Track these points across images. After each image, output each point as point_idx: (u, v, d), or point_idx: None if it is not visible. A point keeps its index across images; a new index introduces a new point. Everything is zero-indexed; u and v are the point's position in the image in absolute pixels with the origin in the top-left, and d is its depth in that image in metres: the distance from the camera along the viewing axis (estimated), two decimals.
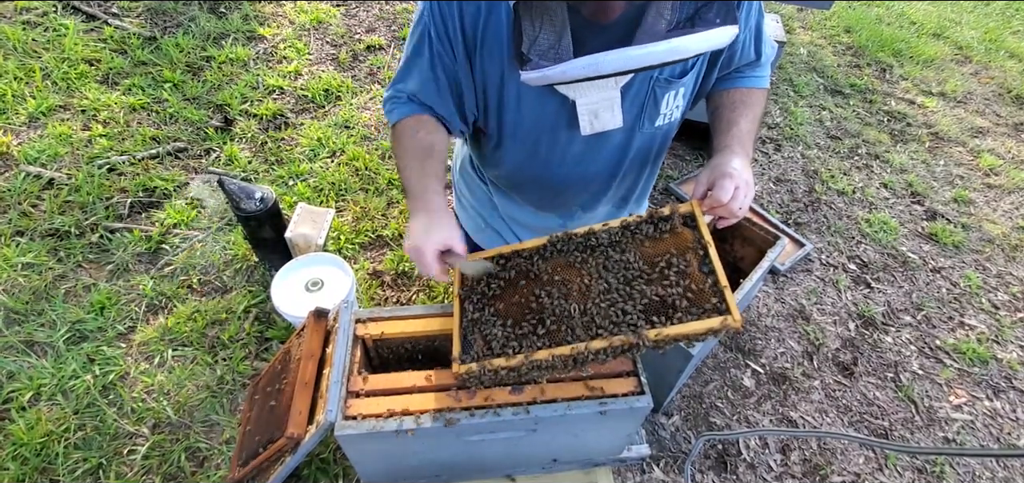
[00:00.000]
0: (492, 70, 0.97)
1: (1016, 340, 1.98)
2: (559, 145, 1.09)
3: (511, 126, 1.06)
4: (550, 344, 0.91)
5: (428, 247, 0.90)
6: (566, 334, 0.91)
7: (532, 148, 1.11)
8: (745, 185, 0.90)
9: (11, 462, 1.35)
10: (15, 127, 2.16)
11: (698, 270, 0.92)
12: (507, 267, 1.00)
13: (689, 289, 0.90)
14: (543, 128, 1.05)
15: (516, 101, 1.01)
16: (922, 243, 2.32)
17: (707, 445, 1.56)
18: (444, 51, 0.95)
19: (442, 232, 0.91)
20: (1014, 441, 1.69)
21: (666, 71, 0.97)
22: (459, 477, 1.24)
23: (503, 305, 0.98)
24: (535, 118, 1.04)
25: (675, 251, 0.94)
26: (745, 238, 1.76)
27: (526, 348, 0.92)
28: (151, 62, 2.51)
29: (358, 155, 2.28)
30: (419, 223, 0.92)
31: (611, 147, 1.11)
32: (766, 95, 1.11)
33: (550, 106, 1.01)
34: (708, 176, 0.93)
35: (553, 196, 1.25)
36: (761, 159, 2.62)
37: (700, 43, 0.79)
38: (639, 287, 0.92)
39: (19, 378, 1.51)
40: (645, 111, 1.03)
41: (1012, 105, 3.28)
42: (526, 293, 0.97)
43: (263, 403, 1.27)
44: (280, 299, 1.53)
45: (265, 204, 1.66)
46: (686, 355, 1.29)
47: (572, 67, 0.79)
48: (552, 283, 0.97)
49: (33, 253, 1.77)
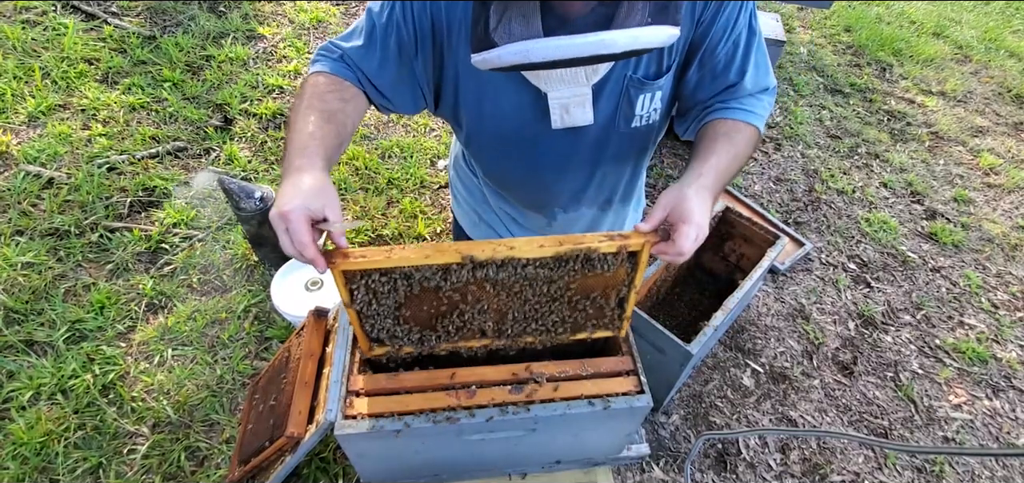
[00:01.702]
0: (464, 58, 0.93)
1: (1015, 339, 1.98)
2: (533, 141, 1.08)
3: (486, 118, 1.04)
4: (459, 340, 0.96)
5: (298, 212, 0.75)
6: (476, 334, 0.97)
7: (506, 143, 1.10)
8: (700, 231, 0.85)
9: (11, 461, 1.35)
10: (15, 126, 2.16)
11: (612, 303, 1.00)
12: (413, 280, 0.92)
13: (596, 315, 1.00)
14: (517, 121, 1.04)
15: (493, 92, 1.00)
16: (922, 242, 2.32)
17: (707, 444, 1.57)
18: (404, 27, 0.91)
19: (317, 199, 0.77)
20: (1013, 440, 1.69)
21: (639, 72, 0.96)
22: (459, 477, 1.24)
23: (409, 312, 0.96)
24: (510, 110, 1.02)
25: (598, 290, 0.97)
26: (745, 238, 1.76)
27: (434, 342, 0.98)
28: (151, 61, 2.51)
29: (358, 155, 2.28)
30: (290, 185, 0.78)
31: (586, 145, 1.10)
32: (754, 136, 0.99)
33: (525, 98, 1.00)
34: (671, 211, 0.86)
35: (534, 194, 1.25)
36: (761, 158, 2.62)
37: (626, 39, 0.75)
38: (553, 308, 0.98)
39: (19, 377, 1.51)
40: (619, 111, 1.03)
41: (1012, 104, 3.28)
42: (434, 302, 0.96)
43: (263, 402, 1.28)
44: (280, 299, 1.53)
45: (265, 204, 1.66)
46: (686, 354, 1.29)
47: (505, 52, 0.77)
48: (465, 295, 0.95)
49: (33, 252, 1.77)
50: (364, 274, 0.89)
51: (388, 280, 0.90)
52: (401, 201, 2.13)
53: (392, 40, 0.93)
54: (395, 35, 0.92)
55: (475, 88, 1.00)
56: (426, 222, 2.06)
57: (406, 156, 2.33)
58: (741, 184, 2.45)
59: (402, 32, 0.92)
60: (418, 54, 0.95)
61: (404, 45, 0.93)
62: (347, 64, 0.95)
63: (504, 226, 1.38)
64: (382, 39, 0.93)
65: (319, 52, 0.97)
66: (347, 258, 0.84)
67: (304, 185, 0.78)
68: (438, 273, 0.90)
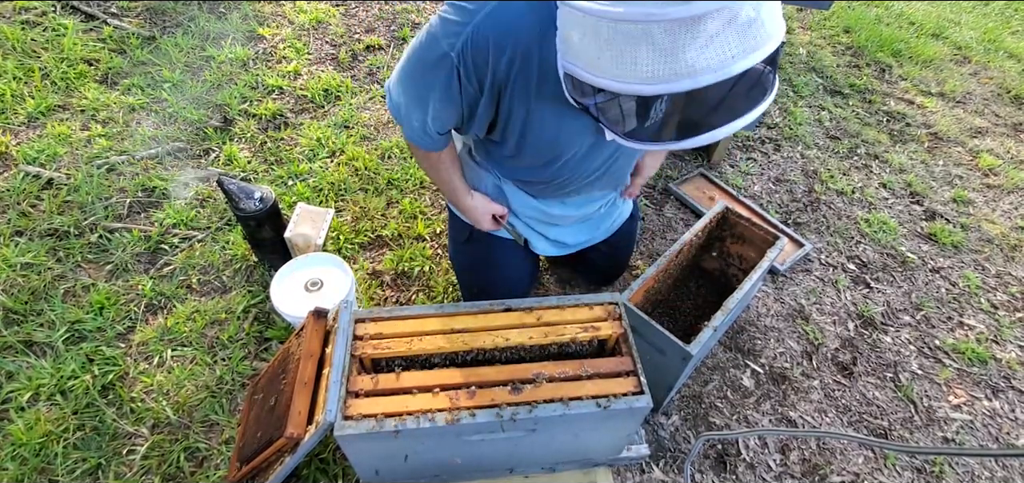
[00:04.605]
0: (518, 105, 1.07)
1: (1015, 340, 1.98)
2: (576, 149, 1.22)
3: (536, 142, 1.18)
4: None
5: (486, 213, 1.40)
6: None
7: (551, 156, 1.23)
8: None
9: (10, 462, 1.35)
10: (14, 127, 2.16)
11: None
12: None
13: None
14: (568, 138, 1.18)
15: (540, 124, 1.12)
16: (921, 243, 2.33)
17: (706, 445, 1.57)
18: (470, 86, 1.04)
19: (492, 205, 1.41)
20: (1013, 441, 1.69)
21: None
22: (459, 477, 1.24)
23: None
24: (565, 134, 1.16)
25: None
26: (745, 238, 1.76)
27: None
28: (150, 62, 2.51)
29: (357, 155, 2.28)
30: (475, 201, 1.39)
31: (612, 150, 1.27)
32: None
33: (579, 123, 1.13)
34: None
35: (557, 188, 1.38)
36: (760, 159, 2.62)
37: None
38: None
39: (18, 378, 1.50)
40: None
41: (1011, 105, 3.29)
42: None
43: (263, 403, 1.27)
44: (279, 299, 1.53)
45: (264, 204, 1.66)
46: (686, 355, 1.29)
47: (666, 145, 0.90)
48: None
49: (32, 253, 1.77)
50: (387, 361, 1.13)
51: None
52: (401, 201, 2.13)
53: (462, 101, 1.08)
54: (464, 97, 1.07)
55: (523, 125, 1.14)
56: (426, 222, 2.06)
57: (406, 156, 2.33)
58: (741, 184, 2.45)
59: (469, 91, 1.05)
60: (479, 105, 1.09)
61: (470, 101, 1.08)
62: (444, 136, 1.21)
63: (511, 212, 1.49)
64: (457, 100, 1.08)
65: (423, 139, 1.19)
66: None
67: (481, 201, 1.41)
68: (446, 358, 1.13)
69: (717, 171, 2.50)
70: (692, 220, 2.26)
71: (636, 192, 1.60)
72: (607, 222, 1.62)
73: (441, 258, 1.96)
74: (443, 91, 1.04)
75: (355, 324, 1.12)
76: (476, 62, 0.99)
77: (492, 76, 1.00)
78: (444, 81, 1.02)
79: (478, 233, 1.49)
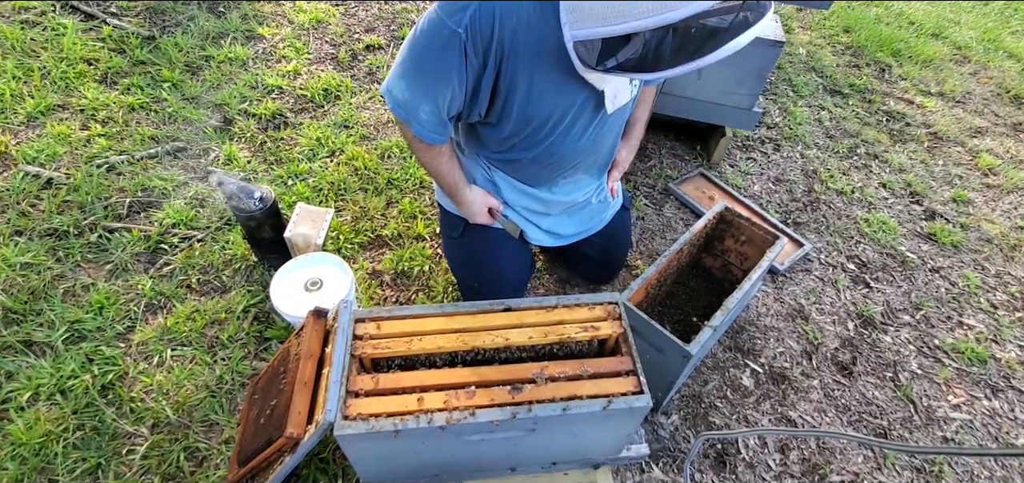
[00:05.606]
0: (522, 73, 1.09)
1: (1014, 339, 1.98)
2: (569, 129, 1.25)
3: (533, 114, 1.19)
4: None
5: (482, 207, 1.43)
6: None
7: (546, 135, 1.25)
8: None
9: (10, 462, 1.35)
10: (13, 127, 2.16)
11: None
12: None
13: None
14: (566, 113, 1.21)
15: (539, 96, 1.14)
16: (921, 243, 2.33)
17: (706, 444, 1.57)
18: (475, 59, 1.05)
19: (488, 198, 1.45)
20: (1012, 440, 1.70)
21: None
22: (459, 477, 1.24)
23: None
24: (563, 107, 1.19)
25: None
26: (744, 238, 1.76)
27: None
28: (150, 61, 2.51)
29: (357, 155, 2.28)
30: (473, 194, 1.42)
31: (610, 122, 1.33)
32: None
33: (581, 95, 1.17)
34: None
35: (548, 170, 1.41)
36: (760, 159, 2.62)
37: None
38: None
39: (18, 378, 1.50)
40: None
41: (1010, 105, 3.29)
42: None
43: (262, 403, 1.27)
44: (279, 299, 1.53)
45: (264, 204, 1.66)
46: (685, 354, 1.29)
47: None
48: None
49: (32, 253, 1.77)
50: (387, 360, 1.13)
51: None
52: (401, 201, 2.13)
53: (468, 79, 1.09)
54: (469, 75, 1.09)
55: (526, 96, 1.15)
56: (425, 222, 2.06)
57: (406, 156, 2.33)
58: (740, 184, 2.45)
59: (474, 64, 1.07)
60: (482, 81, 1.10)
61: (475, 76, 1.10)
62: (447, 127, 1.23)
63: (507, 205, 1.51)
64: (459, 83, 1.10)
65: (428, 134, 1.20)
66: None
67: (478, 194, 1.45)
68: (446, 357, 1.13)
69: (717, 171, 2.50)
70: (692, 220, 2.26)
71: (614, 186, 1.63)
72: (600, 215, 1.65)
73: (441, 258, 1.96)
74: (457, 73, 1.06)
75: (355, 324, 1.12)
76: (483, 35, 1.02)
77: (498, 47, 1.04)
78: (456, 62, 1.04)
79: (471, 227, 1.49)
